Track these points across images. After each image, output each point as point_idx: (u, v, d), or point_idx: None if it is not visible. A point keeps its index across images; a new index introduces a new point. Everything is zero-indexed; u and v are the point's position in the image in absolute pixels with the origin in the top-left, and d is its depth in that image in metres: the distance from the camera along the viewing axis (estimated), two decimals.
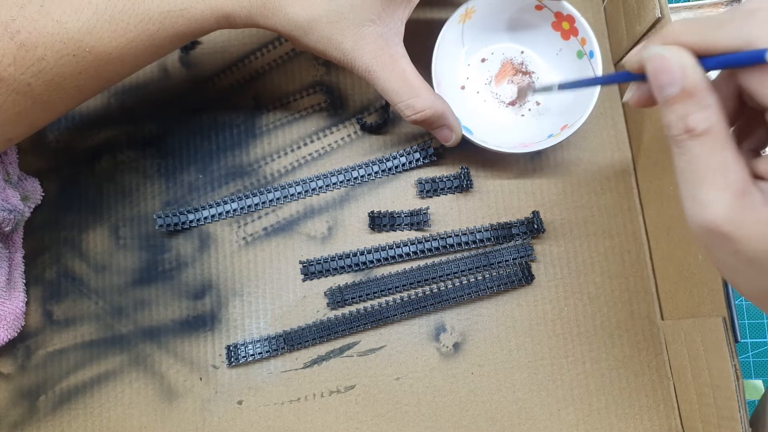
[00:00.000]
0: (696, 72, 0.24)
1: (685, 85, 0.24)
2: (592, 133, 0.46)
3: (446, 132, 0.41)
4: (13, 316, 0.43)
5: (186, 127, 0.47)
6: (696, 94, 0.24)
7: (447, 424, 0.42)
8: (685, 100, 0.24)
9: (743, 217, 0.23)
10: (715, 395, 0.36)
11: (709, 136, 0.23)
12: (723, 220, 0.23)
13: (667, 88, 0.24)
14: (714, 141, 0.23)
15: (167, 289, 0.44)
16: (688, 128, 0.24)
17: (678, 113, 0.24)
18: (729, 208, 0.23)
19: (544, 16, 0.43)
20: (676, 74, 0.24)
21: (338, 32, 0.36)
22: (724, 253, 0.24)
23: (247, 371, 0.43)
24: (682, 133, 0.24)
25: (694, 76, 0.24)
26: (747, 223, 0.23)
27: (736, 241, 0.23)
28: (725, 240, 0.24)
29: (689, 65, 0.24)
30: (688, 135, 0.24)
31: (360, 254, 0.44)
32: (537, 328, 0.43)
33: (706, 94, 0.24)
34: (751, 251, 0.23)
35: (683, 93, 0.24)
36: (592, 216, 0.45)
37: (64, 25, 0.32)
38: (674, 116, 0.24)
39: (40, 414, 0.43)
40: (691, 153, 0.24)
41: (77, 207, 0.46)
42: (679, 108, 0.24)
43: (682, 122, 0.24)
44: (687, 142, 0.24)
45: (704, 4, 0.48)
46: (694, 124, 0.24)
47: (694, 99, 0.24)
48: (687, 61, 0.24)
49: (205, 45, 0.48)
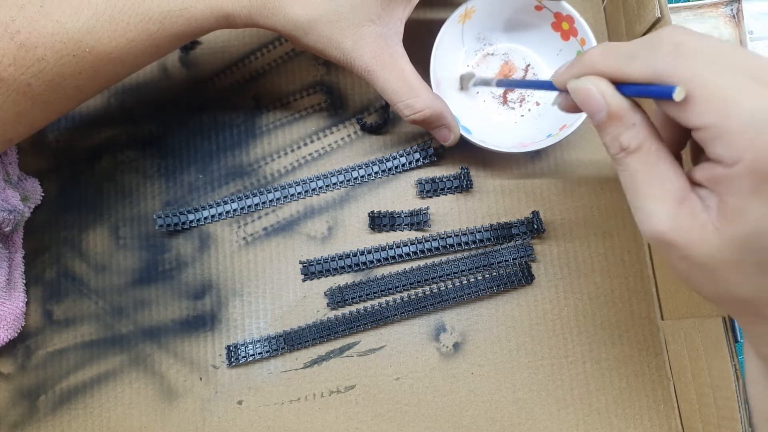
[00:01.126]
0: (616, 97, 0.26)
1: (610, 110, 0.26)
2: (592, 133, 0.46)
3: (445, 132, 0.41)
4: (13, 316, 0.43)
5: (186, 127, 0.47)
6: (621, 116, 0.26)
7: (447, 424, 0.42)
8: (612, 122, 0.26)
9: (685, 224, 0.24)
10: (715, 395, 0.36)
11: (641, 152, 0.26)
12: (666, 228, 0.25)
13: (596, 114, 0.27)
14: (647, 155, 0.26)
15: (167, 289, 0.44)
16: (623, 147, 0.26)
17: (611, 135, 0.26)
18: (671, 217, 0.25)
19: (544, 17, 0.43)
20: (599, 102, 0.26)
21: (338, 32, 0.36)
22: (675, 259, 0.25)
23: (247, 371, 0.43)
24: (618, 151, 0.26)
25: (615, 101, 0.26)
26: (689, 230, 0.24)
27: (683, 248, 0.24)
28: (673, 247, 0.25)
29: (608, 93, 0.26)
30: (624, 153, 0.26)
31: (360, 254, 0.44)
32: (537, 328, 0.43)
33: (631, 115, 0.26)
34: (698, 256, 0.24)
35: (609, 117, 0.26)
36: (592, 216, 0.45)
37: (64, 26, 0.32)
38: (608, 138, 0.27)
39: (40, 414, 0.43)
40: (630, 169, 0.26)
41: (77, 207, 0.46)
42: (610, 130, 0.26)
43: (616, 142, 0.26)
44: (624, 160, 0.26)
45: (704, 4, 0.48)
46: (626, 142, 0.26)
47: (620, 121, 0.26)
48: (605, 89, 0.26)
49: (205, 45, 0.48)
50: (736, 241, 0.23)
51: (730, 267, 0.24)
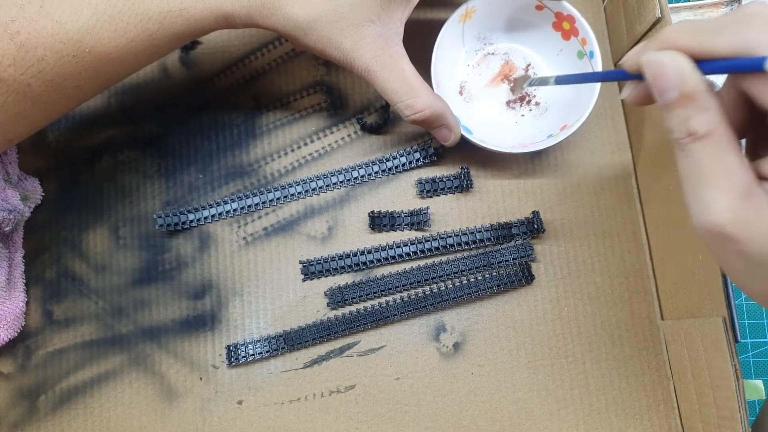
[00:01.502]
0: (694, 76, 0.24)
1: (684, 89, 0.24)
2: (593, 133, 0.46)
3: (445, 132, 0.41)
4: (13, 316, 0.43)
5: (186, 127, 0.47)
6: (695, 98, 0.24)
7: (447, 424, 0.42)
8: (684, 104, 0.24)
9: (748, 219, 0.23)
10: (715, 395, 0.36)
11: (711, 139, 0.24)
12: (728, 221, 0.23)
13: (667, 92, 0.24)
14: (716, 143, 0.24)
15: (167, 289, 0.44)
16: (690, 131, 0.24)
17: (679, 117, 0.24)
18: (733, 210, 0.23)
19: (545, 17, 0.43)
20: (674, 79, 0.24)
21: (338, 32, 0.36)
22: (730, 255, 0.24)
23: (247, 371, 0.43)
24: (684, 136, 0.24)
25: (692, 81, 0.24)
26: (752, 225, 0.23)
27: (742, 243, 0.23)
28: (731, 242, 0.24)
29: (687, 70, 0.24)
30: (690, 138, 0.24)
31: (360, 254, 0.44)
32: (537, 328, 0.43)
33: (706, 98, 0.24)
34: (756, 253, 0.23)
35: (682, 97, 0.24)
36: (592, 216, 0.45)
37: (64, 26, 0.32)
38: (675, 120, 0.24)
39: (40, 414, 0.43)
40: (694, 156, 0.24)
41: (77, 207, 0.46)
42: (679, 112, 0.24)
43: (684, 126, 0.24)
44: (690, 146, 0.24)
45: (704, 4, 0.48)
46: (695, 127, 0.24)
47: (693, 103, 0.24)
48: (684, 66, 0.24)
49: (205, 45, 0.48)
50: None
51: None
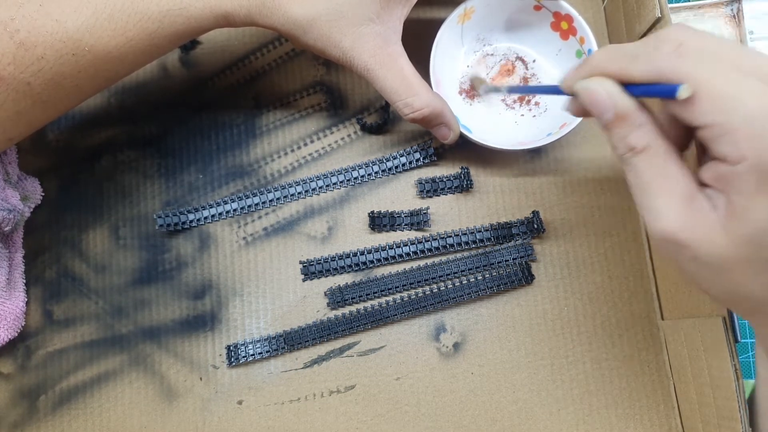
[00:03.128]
0: (622, 98, 0.26)
1: (617, 110, 0.26)
2: (593, 133, 0.46)
3: (444, 130, 0.41)
4: (13, 316, 0.43)
5: (186, 127, 0.47)
6: (628, 116, 0.26)
7: (447, 424, 0.42)
8: (620, 123, 0.26)
9: (693, 223, 0.24)
10: (715, 395, 0.36)
11: (649, 152, 0.26)
12: (675, 227, 0.25)
13: (603, 115, 0.27)
14: (655, 155, 0.26)
15: (167, 289, 0.44)
16: (630, 146, 0.26)
17: (618, 135, 0.26)
18: (679, 216, 0.25)
19: (543, 16, 0.43)
20: (606, 102, 0.26)
21: (337, 31, 0.36)
22: (684, 259, 0.25)
23: (247, 371, 0.43)
24: (626, 152, 0.26)
25: (622, 102, 0.26)
26: (698, 229, 0.24)
27: (691, 247, 0.25)
28: (681, 247, 0.25)
29: (615, 93, 0.26)
30: (631, 153, 0.26)
31: (360, 254, 0.44)
32: (537, 328, 0.43)
33: (638, 115, 0.26)
34: (706, 256, 0.24)
35: (617, 117, 0.26)
36: (592, 216, 0.45)
37: (64, 24, 0.32)
38: (616, 138, 0.27)
39: (40, 414, 0.43)
40: (638, 168, 0.26)
41: (77, 207, 0.46)
42: (617, 131, 0.26)
43: (623, 142, 0.26)
44: (632, 159, 0.26)
45: (704, 4, 0.48)
46: (633, 142, 0.26)
47: (627, 121, 0.26)
48: (612, 89, 0.26)
49: (205, 45, 0.48)
50: (743, 240, 0.23)
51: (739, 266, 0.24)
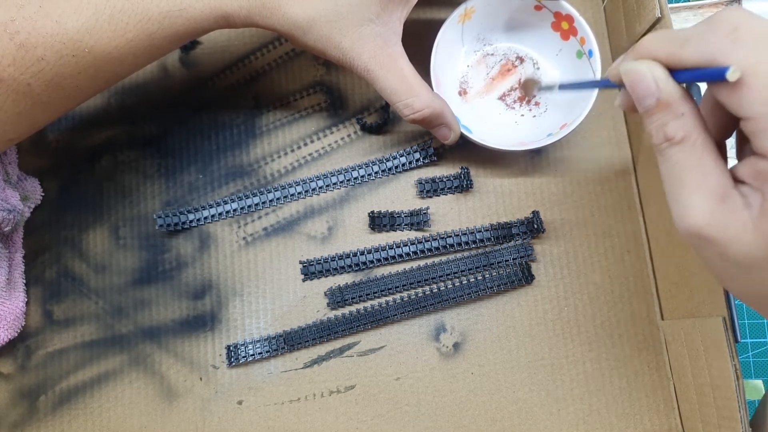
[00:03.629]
0: (668, 84, 0.25)
1: (660, 96, 0.25)
2: (592, 133, 0.46)
3: (445, 131, 0.41)
4: (13, 316, 0.43)
5: (186, 127, 0.47)
6: (671, 104, 0.25)
7: (447, 424, 0.42)
8: (661, 110, 0.25)
9: (725, 221, 0.24)
10: (715, 395, 0.36)
11: (687, 143, 0.25)
12: (705, 223, 0.24)
13: (645, 100, 0.26)
14: (692, 147, 0.25)
15: (167, 289, 0.44)
16: (668, 136, 0.25)
17: (657, 123, 0.25)
18: (710, 212, 0.24)
19: (543, 17, 0.43)
20: (650, 87, 0.25)
21: (337, 32, 0.36)
22: (711, 255, 0.25)
23: (247, 371, 0.43)
24: (662, 141, 0.25)
25: (667, 88, 0.25)
26: (729, 227, 0.24)
27: (720, 245, 0.24)
28: (710, 243, 0.24)
29: (661, 78, 0.25)
30: (668, 143, 0.25)
31: (360, 254, 0.44)
32: (537, 328, 0.43)
33: (681, 104, 0.25)
34: (734, 254, 0.24)
35: (659, 104, 0.25)
36: (592, 216, 0.45)
37: (64, 26, 0.32)
38: (654, 126, 0.26)
39: (40, 414, 0.43)
40: (673, 160, 0.25)
41: (77, 207, 0.46)
42: (657, 118, 0.25)
43: (662, 131, 0.25)
44: (668, 150, 0.25)
45: (704, 4, 0.48)
46: (672, 132, 0.25)
47: (669, 109, 0.25)
48: (659, 74, 0.25)
49: (205, 45, 0.48)
50: None
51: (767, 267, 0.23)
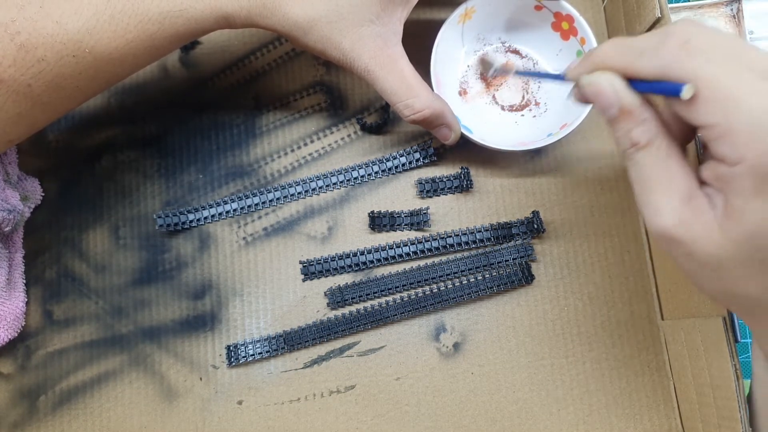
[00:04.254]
0: (627, 94, 0.26)
1: (621, 105, 0.26)
2: (592, 133, 0.46)
3: (445, 131, 0.41)
4: (13, 316, 0.43)
5: (186, 127, 0.47)
6: (632, 112, 0.26)
7: (447, 424, 0.42)
8: (624, 118, 0.26)
9: (691, 221, 0.24)
10: (715, 395, 0.36)
11: (652, 147, 0.26)
12: (672, 224, 0.25)
13: (608, 110, 0.27)
14: (657, 151, 0.26)
15: (167, 289, 0.44)
16: (633, 142, 0.26)
17: (622, 130, 0.27)
18: (677, 213, 0.25)
19: (544, 17, 0.43)
20: (611, 98, 0.26)
21: (337, 32, 0.36)
22: (680, 256, 0.26)
23: (247, 371, 0.43)
24: (629, 146, 0.26)
25: (627, 98, 0.26)
26: (694, 227, 0.24)
27: (687, 245, 0.25)
28: (678, 244, 0.25)
29: (620, 88, 0.26)
30: (634, 148, 0.26)
31: (360, 254, 0.44)
32: (537, 328, 0.43)
33: (642, 111, 0.26)
34: (701, 254, 0.24)
35: (621, 112, 0.26)
36: (592, 216, 0.45)
37: (64, 26, 0.32)
38: (620, 133, 0.27)
39: (40, 414, 0.43)
40: (639, 164, 0.26)
41: (77, 207, 0.46)
42: (621, 125, 0.27)
43: (627, 137, 0.26)
44: (634, 155, 0.26)
45: (704, 4, 0.48)
46: (636, 138, 0.26)
47: (631, 117, 0.26)
48: (618, 85, 0.26)
49: (205, 45, 0.48)
50: (739, 240, 0.23)
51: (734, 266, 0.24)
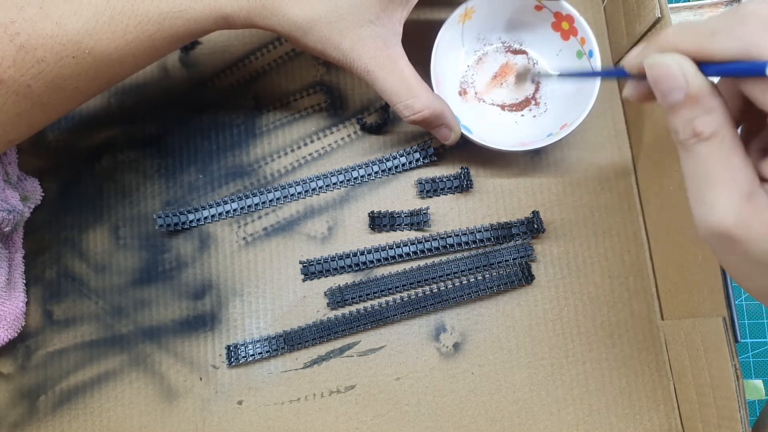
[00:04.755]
0: (698, 78, 0.24)
1: (689, 91, 0.24)
2: (592, 133, 0.46)
3: (445, 131, 0.41)
4: (13, 316, 0.43)
5: (186, 127, 0.47)
6: (701, 99, 0.24)
7: (447, 424, 0.42)
8: (690, 105, 0.24)
9: (751, 220, 0.23)
10: (715, 395, 0.36)
11: (716, 140, 0.24)
12: (731, 222, 0.23)
13: (672, 94, 0.24)
14: (721, 144, 0.24)
15: (167, 289, 0.44)
16: (696, 132, 0.24)
17: (684, 118, 0.24)
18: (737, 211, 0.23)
19: (544, 17, 0.43)
20: (679, 81, 0.24)
21: (337, 33, 0.36)
22: (733, 255, 0.24)
23: (247, 371, 0.43)
24: (690, 137, 0.24)
25: (697, 82, 0.24)
26: (754, 226, 0.23)
27: (745, 244, 0.23)
28: (733, 242, 0.24)
29: (690, 72, 0.24)
30: (695, 139, 0.24)
31: (360, 254, 0.44)
32: (537, 328, 0.43)
33: (711, 98, 0.24)
34: (759, 253, 0.23)
35: (688, 99, 0.24)
36: (592, 216, 0.45)
37: (64, 27, 0.32)
38: (680, 121, 0.24)
39: (40, 414, 0.43)
40: (699, 156, 0.24)
41: (77, 207, 0.46)
42: (684, 113, 0.24)
43: (689, 126, 0.24)
44: (695, 146, 0.24)
45: (704, 4, 0.48)
46: (701, 128, 0.24)
47: (698, 104, 0.24)
48: (688, 68, 0.24)
49: (205, 45, 0.48)
50: None
51: None
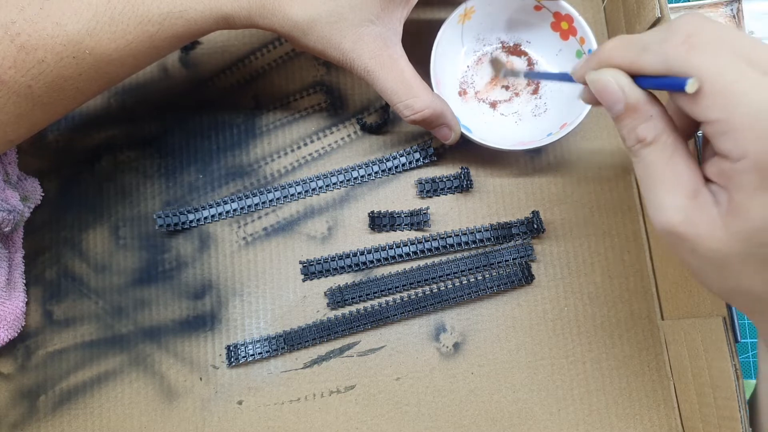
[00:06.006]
0: (633, 90, 0.26)
1: (627, 102, 0.26)
2: (593, 133, 0.46)
3: (445, 131, 0.41)
4: (13, 316, 0.43)
5: (186, 127, 0.47)
6: (639, 108, 0.26)
7: (447, 424, 0.42)
8: (630, 114, 0.26)
9: (696, 218, 0.24)
10: (715, 395, 0.36)
11: (658, 144, 0.26)
12: (678, 221, 0.25)
13: (614, 106, 0.27)
14: (663, 148, 0.26)
15: (167, 289, 0.44)
16: (639, 138, 0.26)
17: (628, 127, 0.27)
18: (682, 210, 0.25)
19: (543, 17, 0.43)
20: (617, 95, 0.26)
21: (337, 32, 0.36)
22: (685, 252, 0.26)
23: (247, 371, 0.43)
24: (635, 143, 0.27)
25: (633, 94, 0.26)
26: (699, 224, 0.24)
27: (692, 241, 0.25)
28: (682, 240, 0.25)
29: (625, 85, 0.26)
30: (640, 145, 0.26)
31: (360, 254, 0.44)
32: (537, 328, 0.43)
33: (648, 107, 0.26)
34: (706, 250, 0.24)
35: (627, 109, 0.26)
36: (592, 216, 0.45)
37: (64, 28, 0.32)
38: (625, 129, 0.27)
39: (40, 414, 0.43)
40: (646, 160, 0.26)
41: (77, 207, 0.46)
42: (628, 122, 0.27)
43: (633, 134, 0.26)
44: (640, 151, 0.26)
45: (704, 4, 0.48)
46: (643, 134, 0.26)
47: (637, 113, 0.26)
48: (623, 82, 0.26)
49: (205, 45, 0.48)
50: (743, 237, 0.23)
51: (738, 262, 0.24)
